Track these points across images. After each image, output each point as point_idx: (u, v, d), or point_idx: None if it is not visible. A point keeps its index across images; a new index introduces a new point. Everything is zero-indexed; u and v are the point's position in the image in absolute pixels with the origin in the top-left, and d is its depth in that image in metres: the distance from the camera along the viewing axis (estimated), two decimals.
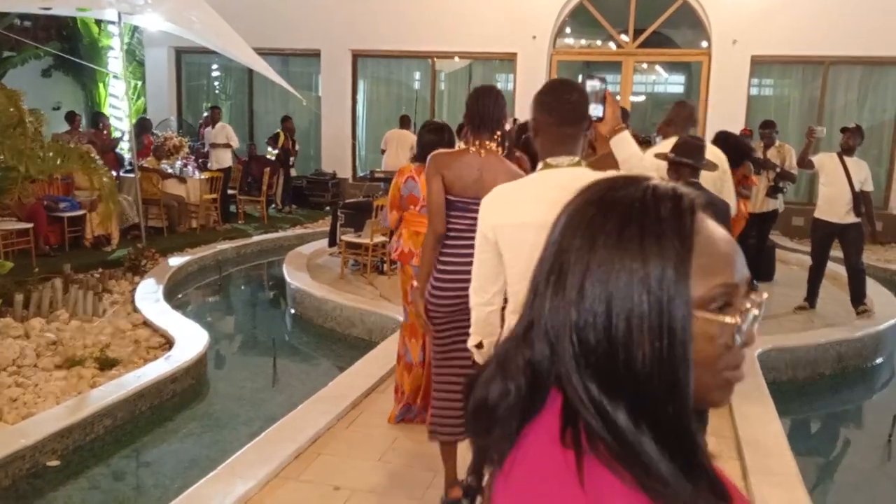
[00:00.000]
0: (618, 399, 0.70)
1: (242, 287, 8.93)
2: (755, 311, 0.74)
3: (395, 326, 5.66)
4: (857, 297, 6.42)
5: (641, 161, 2.49)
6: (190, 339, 5.34)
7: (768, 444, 3.87)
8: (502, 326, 2.26)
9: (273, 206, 11.95)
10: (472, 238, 2.90)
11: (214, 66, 14.06)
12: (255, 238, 9.98)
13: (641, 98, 13.75)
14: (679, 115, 4.73)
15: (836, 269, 7.30)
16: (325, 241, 8.85)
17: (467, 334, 3.01)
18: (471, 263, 2.88)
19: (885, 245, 11.02)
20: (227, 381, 5.37)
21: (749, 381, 4.75)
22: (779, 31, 11.09)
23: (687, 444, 0.71)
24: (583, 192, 0.79)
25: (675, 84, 17.09)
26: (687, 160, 3.31)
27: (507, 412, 0.76)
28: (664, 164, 3.38)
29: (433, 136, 4.06)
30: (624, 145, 2.43)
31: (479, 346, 2.34)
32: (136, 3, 7.47)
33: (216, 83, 14.38)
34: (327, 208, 12.67)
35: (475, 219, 2.90)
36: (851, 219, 6.33)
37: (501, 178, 2.91)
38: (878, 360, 5.96)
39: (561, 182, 2.03)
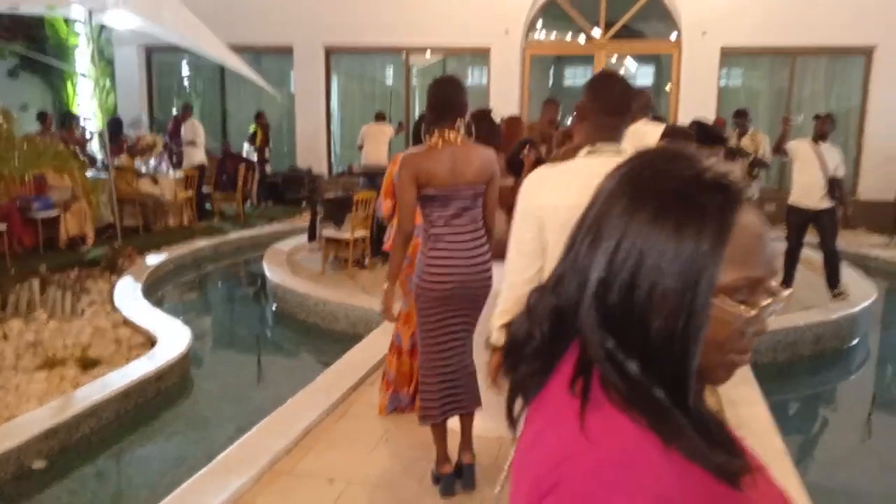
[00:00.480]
0: (630, 353, 0.74)
1: (221, 284, 8.86)
2: (774, 307, 0.76)
3: (380, 320, 5.66)
4: (833, 280, 6.55)
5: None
6: (172, 337, 5.28)
7: (755, 425, 3.94)
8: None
9: (248, 203, 11.85)
10: (458, 227, 3.14)
11: (185, 64, 13.89)
12: (232, 235, 9.90)
13: None
14: (637, 104, 4.79)
15: (809, 253, 7.43)
16: (303, 238, 8.82)
17: (457, 319, 3.21)
18: (458, 251, 3.13)
19: (854, 229, 11.24)
20: (212, 379, 5.32)
21: None
22: (747, 23, 11.25)
23: (685, 408, 0.74)
24: (635, 159, 0.82)
25: (645, 76, 17.26)
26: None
27: (532, 353, 0.82)
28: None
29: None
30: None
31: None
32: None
33: (186, 81, 14.21)
34: (303, 204, 12.62)
35: (459, 208, 3.11)
36: (826, 204, 6.46)
37: (475, 163, 3.12)
38: (854, 342, 6.09)
39: (605, 170, 2.10)
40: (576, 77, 17.93)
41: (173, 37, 9.00)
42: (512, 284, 2.26)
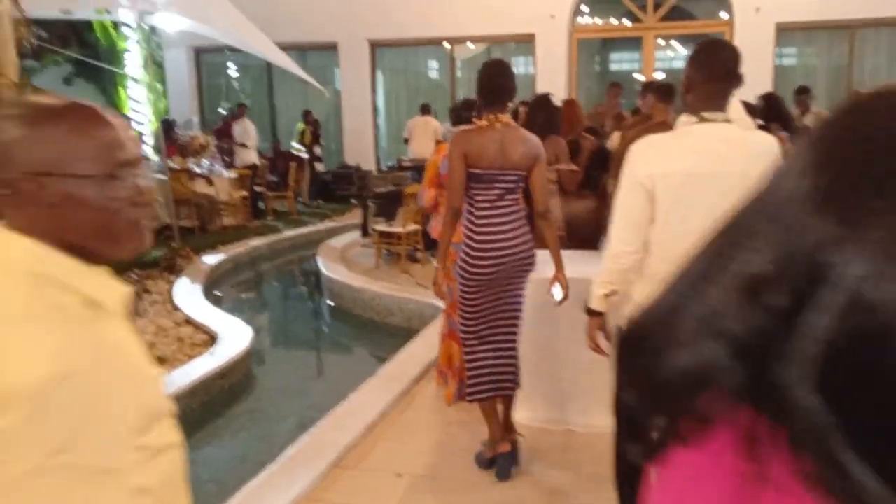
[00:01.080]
0: (862, 440, 0.43)
1: (278, 282, 8.96)
2: None
3: (434, 312, 5.63)
4: None
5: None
6: (233, 335, 5.33)
7: None
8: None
9: (300, 200, 11.96)
10: (502, 207, 3.22)
11: (232, 65, 14.07)
12: (286, 233, 9.99)
13: (663, 74, 13.57)
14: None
15: None
16: (355, 234, 8.85)
17: (500, 299, 3.28)
18: (502, 231, 3.19)
19: None
20: (273, 375, 5.36)
21: None
22: None
23: None
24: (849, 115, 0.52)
25: None
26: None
27: (693, 386, 0.51)
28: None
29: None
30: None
31: (611, 294, 2.33)
32: (156, 1, 7.45)
33: (235, 82, 14.40)
34: (353, 201, 12.68)
35: (503, 188, 3.19)
36: None
37: (521, 147, 3.18)
38: None
39: (724, 136, 2.14)
40: (622, 62, 17.65)
41: (222, 36, 9.11)
42: (616, 255, 2.24)
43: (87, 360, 0.92)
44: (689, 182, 2.08)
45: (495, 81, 3.20)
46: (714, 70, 2.18)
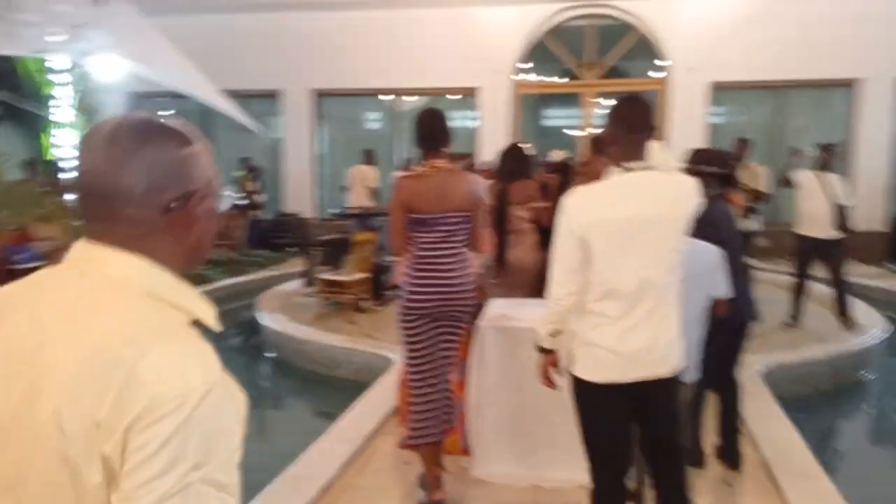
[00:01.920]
0: None
1: (214, 333, 8.54)
2: None
3: (384, 364, 5.45)
4: (843, 311, 6.45)
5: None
6: None
7: (795, 460, 3.76)
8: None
9: (239, 249, 11.63)
10: (443, 249, 3.30)
11: (168, 111, 13.76)
12: (221, 283, 9.64)
13: (600, 129, 13.90)
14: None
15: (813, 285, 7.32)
16: (295, 283, 8.60)
17: (443, 340, 3.36)
18: (441, 272, 3.29)
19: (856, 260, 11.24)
20: None
21: (761, 398, 4.67)
22: (734, 58, 11.38)
23: None
24: None
25: None
26: (712, 168, 3.45)
27: None
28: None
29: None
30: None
31: (555, 333, 2.54)
32: (95, 44, 7.21)
33: None
34: (291, 249, 12.41)
35: (446, 230, 3.27)
36: (833, 234, 6.39)
37: (462, 188, 3.29)
38: (869, 372, 5.96)
39: (646, 182, 2.37)
40: (555, 118, 18.09)
41: (163, 79, 8.87)
42: (555, 299, 2.43)
43: (218, 375, 0.93)
44: (619, 227, 2.31)
45: (430, 129, 3.32)
46: (633, 123, 2.39)
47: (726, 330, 3.58)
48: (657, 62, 12.07)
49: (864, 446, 5.08)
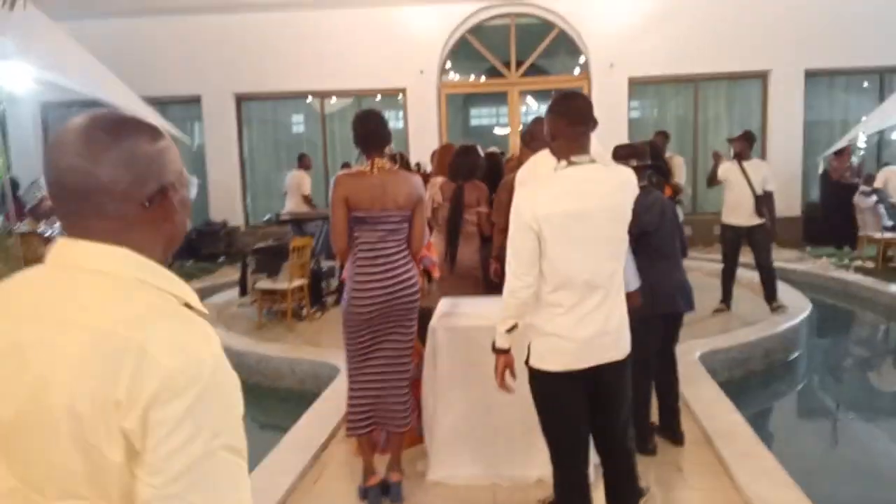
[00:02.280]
0: None
1: None
2: None
3: (330, 372, 5.37)
4: (771, 294, 6.72)
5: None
6: None
7: (740, 439, 3.90)
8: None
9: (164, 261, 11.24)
10: (383, 248, 3.37)
11: None
12: None
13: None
14: (540, 131, 4.91)
15: (741, 271, 7.62)
16: (230, 293, 8.39)
17: (384, 337, 3.41)
18: (382, 271, 3.35)
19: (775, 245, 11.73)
20: None
21: (701, 382, 4.82)
22: (652, 53, 11.71)
23: None
24: None
25: None
26: (644, 162, 3.60)
27: None
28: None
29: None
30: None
31: (513, 329, 2.56)
32: (4, 51, 6.84)
33: None
34: (221, 259, 12.11)
35: (386, 230, 3.36)
36: (756, 221, 6.65)
37: (403, 188, 3.36)
38: (798, 353, 6.23)
39: (591, 176, 2.45)
40: (482, 116, 18.24)
41: (76, 85, 8.50)
42: (513, 290, 2.47)
43: (220, 348, 0.97)
44: (568, 220, 2.38)
45: (369, 129, 3.40)
46: (574, 117, 2.45)
47: (664, 318, 3.74)
48: (580, 60, 12.32)
49: (798, 422, 5.32)
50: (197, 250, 12.09)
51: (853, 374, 6.43)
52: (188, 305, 1.02)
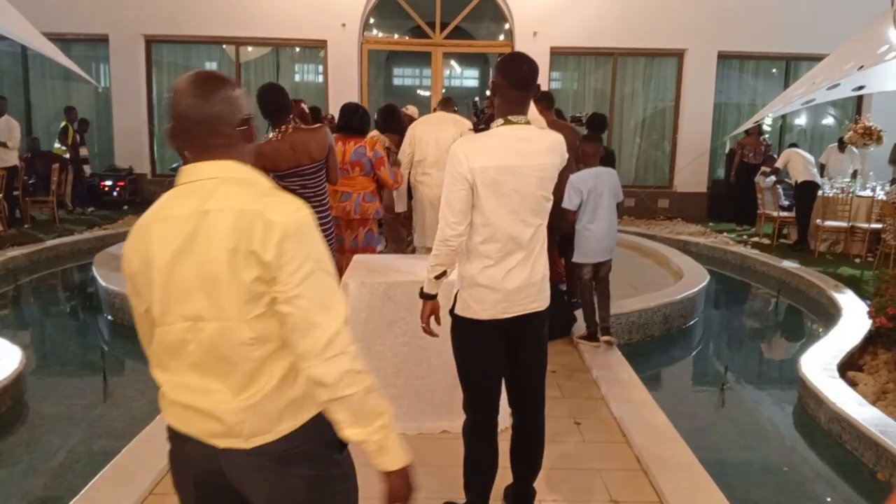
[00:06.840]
0: None
1: (44, 297, 7.89)
2: None
3: None
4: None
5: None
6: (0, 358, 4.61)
7: (643, 408, 4.09)
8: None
9: (64, 207, 10.75)
10: (301, 196, 3.47)
11: None
12: (49, 243, 8.90)
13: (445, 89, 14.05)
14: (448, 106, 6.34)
15: (638, 240, 7.91)
16: None
17: None
18: None
19: (672, 220, 12.21)
20: (51, 401, 4.68)
21: (607, 352, 5.01)
22: (574, 25, 11.86)
23: None
24: None
25: (470, 79, 17.71)
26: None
27: None
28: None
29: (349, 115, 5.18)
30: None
31: (442, 276, 2.66)
32: None
33: None
34: (125, 207, 11.66)
35: (305, 180, 4.10)
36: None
37: (313, 143, 4.07)
38: (695, 320, 6.56)
39: (524, 135, 2.55)
40: (405, 76, 18.05)
41: None
42: (445, 238, 2.57)
43: (308, 209, 1.50)
44: (500, 174, 2.50)
45: (275, 102, 4.06)
46: (517, 79, 2.53)
47: None
48: (505, 26, 12.34)
49: (691, 384, 5.61)
50: (100, 197, 11.60)
51: (744, 342, 6.81)
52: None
